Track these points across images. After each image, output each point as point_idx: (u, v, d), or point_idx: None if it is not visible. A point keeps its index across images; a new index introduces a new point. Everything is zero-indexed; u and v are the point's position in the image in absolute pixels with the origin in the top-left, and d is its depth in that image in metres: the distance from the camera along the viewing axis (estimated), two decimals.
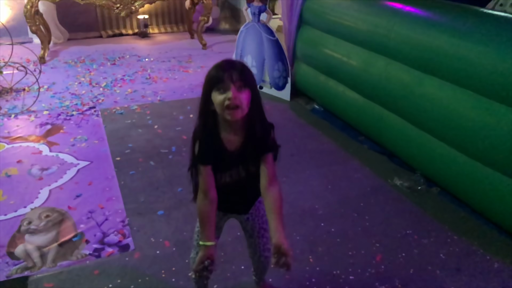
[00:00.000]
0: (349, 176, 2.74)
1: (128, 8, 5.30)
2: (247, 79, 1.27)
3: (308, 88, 3.90)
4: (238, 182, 1.40)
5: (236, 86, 1.23)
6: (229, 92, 1.22)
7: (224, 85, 1.23)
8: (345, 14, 3.31)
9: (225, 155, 1.34)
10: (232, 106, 1.23)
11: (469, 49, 2.24)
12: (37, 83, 3.88)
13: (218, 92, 1.25)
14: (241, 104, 1.24)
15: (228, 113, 1.25)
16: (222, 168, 1.37)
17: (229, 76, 1.23)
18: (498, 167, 2.14)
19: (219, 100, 1.24)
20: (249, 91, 1.26)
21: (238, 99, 1.23)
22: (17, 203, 2.42)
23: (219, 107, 1.25)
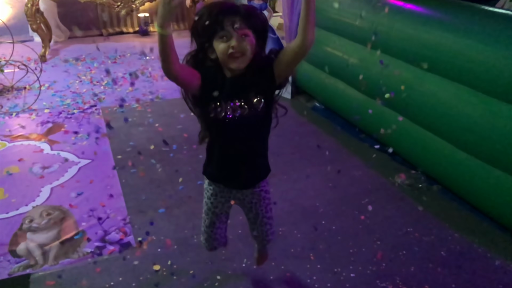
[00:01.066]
0: (350, 174, 2.74)
1: (129, 6, 5.30)
2: (250, 21, 1.19)
3: (309, 86, 3.89)
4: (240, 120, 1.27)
5: (238, 30, 1.16)
6: (232, 40, 1.16)
7: (226, 32, 1.16)
8: (346, 12, 3.31)
9: (223, 80, 1.26)
10: (237, 55, 1.18)
11: (469, 46, 2.24)
12: (38, 81, 3.88)
13: (219, 39, 1.18)
14: (246, 52, 1.18)
15: (232, 62, 1.20)
16: (222, 98, 1.26)
17: (230, 22, 1.15)
18: (499, 164, 2.14)
19: (222, 49, 1.17)
20: (252, 34, 1.19)
21: (243, 46, 1.17)
22: (19, 201, 2.42)
23: (222, 55, 1.19)
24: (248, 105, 1.26)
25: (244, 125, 1.28)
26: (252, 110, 1.26)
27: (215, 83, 1.25)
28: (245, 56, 1.19)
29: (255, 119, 1.28)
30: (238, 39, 1.16)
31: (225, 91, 1.25)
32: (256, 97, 1.26)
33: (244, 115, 1.27)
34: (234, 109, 1.26)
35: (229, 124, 1.27)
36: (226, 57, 1.19)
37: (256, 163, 1.42)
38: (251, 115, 1.27)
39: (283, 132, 3.13)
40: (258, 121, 1.30)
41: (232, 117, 1.27)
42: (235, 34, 1.16)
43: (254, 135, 1.34)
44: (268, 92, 1.29)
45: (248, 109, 1.26)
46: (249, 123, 1.28)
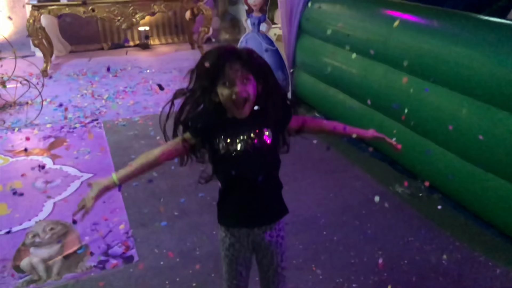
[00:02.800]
0: (351, 184, 2.75)
1: (129, 20, 5.37)
2: (251, 65, 1.21)
3: (308, 96, 3.92)
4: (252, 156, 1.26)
5: (241, 77, 1.19)
6: (235, 86, 1.19)
7: (229, 78, 1.18)
8: (344, 23, 3.35)
9: (230, 121, 1.26)
10: (240, 101, 1.20)
11: (467, 55, 2.26)
12: (40, 96, 3.92)
13: (222, 85, 1.20)
14: (249, 97, 1.21)
15: (237, 109, 1.22)
16: (230, 133, 1.25)
17: (232, 68, 1.18)
18: (499, 172, 2.15)
19: (225, 94, 1.20)
20: (253, 78, 1.22)
21: (245, 91, 1.19)
22: (22, 217, 2.44)
23: (226, 100, 1.21)
24: (256, 137, 1.26)
25: (253, 157, 1.27)
26: (260, 141, 1.26)
27: (219, 124, 1.26)
28: (249, 102, 1.22)
29: (263, 149, 1.27)
30: (241, 85, 1.19)
31: (232, 129, 1.25)
32: (266, 129, 1.27)
33: (253, 147, 1.26)
34: (243, 143, 1.25)
35: (238, 158, 1.26)
36: (231, 103, 1.21)
37: (273, 196, 1.40)
38: (260, 146, 1.26)
39: None
40: (268, 153, 1.30)
41: (241, 152, 1.26)
42: (237, 81, 1.19)
43: (266, 167, 1.32)
44: (277, 127, 1.31)
45: (256, 140, 1.26)
46: (258, 154, 1.27)
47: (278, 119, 1.29)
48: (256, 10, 3.94)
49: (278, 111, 1.28)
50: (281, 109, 1.29)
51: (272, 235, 1.40)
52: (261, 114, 1.26)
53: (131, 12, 5.32)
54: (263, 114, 1.26)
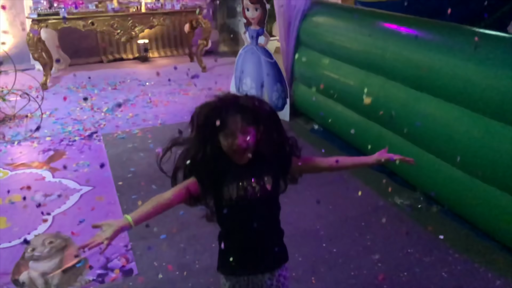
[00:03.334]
0: (350, 195, 2.76)
1: (129, 33, 5.41)
2: (252, 117, 1.25)
3: (307, 108, 3.95)
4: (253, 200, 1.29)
5: (241, 129, 1.22)
6: (236, 138, 1.22)
7: (229, 130, 1.22)
8: (341, 35, 3.39)
9: (232, 166, 1.28)
10: (240, 150, 1.24)
11: (463, 67, 2.29)
12: (39, 109, 3.93)
13: (223, 137, 1.24)
14: (249, 146, 1.24)
15: (238, 157, 1.26)
16: (232, 178, 1.28)
17: (233, 120, 1.21)
18: (498, 184, 2.16)
19: (227, 144, 1.24)
20: (254, 129, 1.25)
21: (245, 142, 1.23)
22: (21, 230, 2.44)
23: (227, 149, 1.25)
24: (257, 184, 1.29)
25: (255, 203, 1.30)
26: (261, 187, 1.29)
27: (224, 170, 1.28)
28: (249, 150, 1.25)
29: (267, 197, 1.31)
30: (241, 137, 1.22)
31: (233, 175, 1.28)
32: (267, 176, 1.30)
33: (254, 193, 1.29)
34: (244, 189, 1.28)
35: (240, 204, 1.29)
36: (232, 152, 1.26)
37: (273, 242, 1.41)
38: (261, 193, 1.29)
39: None
40: (269, 199, 1.33)
41: (242, 198, 1.28)
42: (238, 133, 1.22)
43: (266, 213, 1.35)
44: (278, 173, 1.34)
45: (257, 187, 1.29)
46: (259, 201, 1.30)
47: (279, 165, 1.33)
48: (255, 23, 3.98)
49: (278, 158, 1.32)
50: (281, 156, 1.33)
51: (273, 281, 1.40)
52: (263, 160, 1.30)
53: (130, 26, 5.37)
54: (264, 160, 1.30)
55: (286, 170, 1.36)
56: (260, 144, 1.28)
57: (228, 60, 6.31)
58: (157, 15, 5.47)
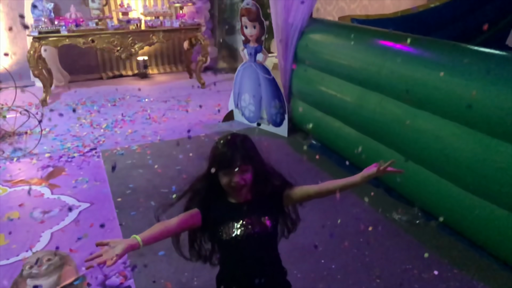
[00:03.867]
0: (348, 211, 2.76)
1: (129, 50, 5.47)
2: (249, 157, 1.34)
3: (304, 124, 3.97)
4: (250, 239, 1.35)
5: (240, 170, 1.32)
6: (234, 177, 1.32)
7: (229, 170, 1.32)
8: (338, 53, 3.43)
9: (229, 205, 1.38)
10: (238, 188, 1.34)
11: (457, 84, 2.33)
12: (39, 126, 3.95)
13: (223, 175, 1.33)
14: (246, 184, 1.34)
15: (235, 195, 1.37)
16: (231, 218, 1.36)
17: (233, 161, 1.31)
18: (494, 199, 2.17)
19: (225, 182, 1.34)
20: (252, 168, 1.34)
21: (243, 180, 1.33)
22: (19, 247, 2.43)
23: (225, 186, 1.35)
24: (256, 223, 1.37)
25: (254, 242, 1.36)
26: (261, 228, 1.37)
27: (222, 209, 1.37)
28: (246, 189, 1.35)
29: (265, 236, 1.38)
30: (238, 176, 1.32)
31: (233, 214, 1.37)
32: (264, 217, 1.38)
33: (253, 232, 1.36)
34: (242, 229, 1.35)
35: (239, 243, 1.35)
36: (231, 190, 1.35)
37: (275, 280, 1.45)
38: (260, 232, 1.37)
39: (280, 170, 3.17)
40: (268, 238, 1.40)
41: (241, 236, 1.35)
42: (236, 172, 1.31)
43: (265, 252, 1.42)
44: (274, 212, 1.42)
45: (257, 227, 1.36)
46: (258, 239, 1.37)
47: (274, 204, 1.41)
48: (253, 41, 4.03)
49: (272, 197, 1.40)
50: (274, 194, 1.41)
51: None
52: (260, 200, 1.38)
53: (130, 43, 5.43)
54: (261, 200, 1.38)
55: (280, 207, 1.43)
56: (257, 183, 1.37)
57: (226, 76, 6.37)
58: (156, 32, 5.53)
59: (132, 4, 6.11)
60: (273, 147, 3.74)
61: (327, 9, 6.39)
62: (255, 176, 1.36)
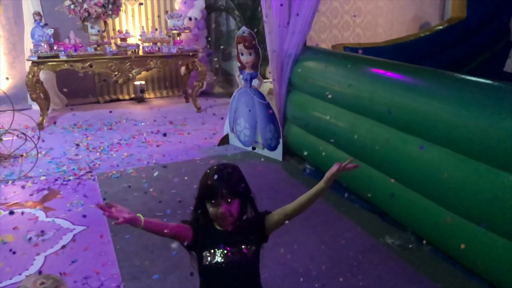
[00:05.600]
0: (342, 235, 2.79)
1: (126, 75, 5.56)
2: (236, 190, 1.40)
3: (299, 148, 4.03)
4: (230, 267, 1.42)
5: (226, 201, 1.38)
6: (220, 208, 1.38)
7: (216, 201, 1.38)
8: (331, 80, 3.52)
9: (215, 231, 1.45)
10: (223, 218, 1.40)
11: (446, 110, 2.40)
12: (35, 149, 3.97)
13: (210, 204, 1.40)
14: (231, 215, 1.40)
15: (221, 223, 1.43)
16: (213, 244, 1.43)
17: (220, 193, 1.37)
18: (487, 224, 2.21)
19: (212, 212, 1.41)
20: (238, 200, 1.41)
21: (229, 211, 1.39)
22: (13, 270, 2.43)
23: (212, 216, 1.42)
24: (239, 253, 1.44)
25: (235, 270, 1.44)
26: (242, 257, 1.44)
27: (208, 234, 1.45)
28: (232, 219, 1.42)
29: (245, 264, 1.45)
30: (225, 206, 1.38)
31: (217, 241, 1.44)
32: (247, 246, 1.45)
33: (233, 261, 1.43)
34: (224, 256, 1.43)
35: (220, 270, 1.43)
36: (216, 219, 1.43)
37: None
38: (242, 262, 1.44)
39: (275, 194, 3.20)
40: (249, 266, 1.47)
41: (222, 264, 1.42)
42: (222, 203, 1.38)
43: (246, 279, 1.48)
44: (257, 242, 1.49)
45: (239, 256, 1.43)
46: (240, 268, 1.44)
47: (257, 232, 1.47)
48: (249, 67, 4.12)
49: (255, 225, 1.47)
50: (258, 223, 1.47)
51: None
52: (245, 227, 1.45)
53: (128, 68, 5.52)
54: (246, 227, 1.45)
55: (263, 234, 1.49)
56: (243, 212, 1.44)
57: (222, 101, 6.46)
58: (154, 58, 5.64)
59: (131, 30, 6.24)
60: (268, 171, 3.78)
61: (321, 37, 6.56)
62: (241, 207, 1.43)
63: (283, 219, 1.47)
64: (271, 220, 1.48)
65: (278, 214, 1.48)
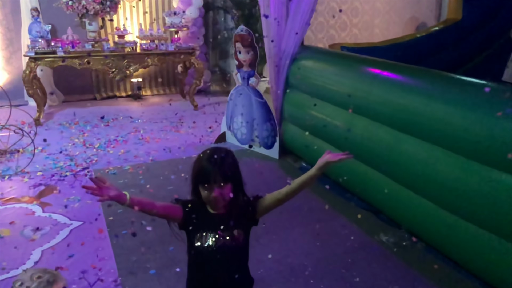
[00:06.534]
0: (337, 233, 2.82)
1: (123, 72, 5.56)
2: (229, 174, 1.42)
3: (295, 147, 4.06)
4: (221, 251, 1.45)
5: (219, 185, 1.40)
6: (213, 192, 1.40)
7: (209, 184, 1.40)
8: (328, 78, 3.55)
9: (207, 214, 1.47)
10: (216, 202, 1.43)
11: (442, 110, 2.43)
12: (32, 144, 3.97)
13: (203, 188, 1.42)
14: (223, 199, 1.43)
15: (213, 207, 1.46)
16: (205, 227, 1.46)
17: (213, 177, 1.39)
18: (478, 222, 2.24)
19: (205, 195, 1.43)
20: (231, 184, 1.43)
21: (221, 195, 1.41)
22: (10, 265, 2.43)
23: (205, 199, 1.44)
24: (230, 237, 1.46)
25: (225, 254, 1.46)
26: (233, 241, 1.47)
27: (200, 217, 1.47)
28: (223, 202, 1.44)
29: (236, 248, 1.48)
30: (217, 190, 1.40)
31: (210, 224, 1.47)
32: (238, 230, 1.48)
33: (224, 245, 1.45)
34: (215, 240, 1.45)
35: (210, 253, 1.45)
36: (208, 202, 1.45)
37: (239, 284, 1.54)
38: (233, 246, 1.47)
39: (271, 192, 3.22)
40: (239, 250, 1.50)
41: (213, 247, 1.45)
42: (215, 187, 1.40)
43: (235, 262, 1.51)
44: (248, 226, 1.52)
45: (230, 240, 1.46)
46: (229, 252, 1.47)
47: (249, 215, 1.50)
48: (246, 65, 4.14)
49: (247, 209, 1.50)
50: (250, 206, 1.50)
51: None
52: (237, 212, 1.47)
53: (125, 65, 5.52)
54: (238, 212, 1.47)
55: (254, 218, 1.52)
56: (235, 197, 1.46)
57: (219, 99, 6.47)
58: (151, 55, 5.64)
59: (128, 27, 6.24)
60: (264, 169, 3.80)
61: (318, 37, 6.59)
62: (234, 191, 1.44)
63: (275, 203, 1.50)
64: (263, 204, 1.50)
65: (270, 198, 1.51)
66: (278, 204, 1.50)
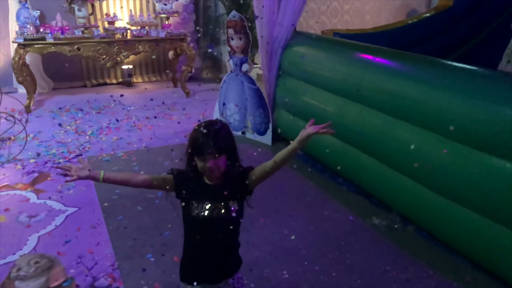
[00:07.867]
0: (330, 216, 2.87)
1: (114, 59, 5.51)
2: (223, 146, 1.46)
3: (288, 133, 4.08)
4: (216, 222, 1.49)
5: (213, 156, 1.44)
6: (207, 162, 1.44)
7: (204, 155, 1.44)
8: (321, 65, 3.57)
9: (204, 185, 1.51)
10: (210, 172, 1.47)
11: (433, 96, 2.48)
12: (24, 131, 3.95)
13: (198, 159, 1.46)
14: (218, 170, 1.47)
15: (208, 177, 1.50)
16: (201, 197, 1.50)
17: (207, 148, 1.43)
18: (467, 204, 2.31)
19: (200, 166, 1.47)
20: (225, 156, 1.47)
21: (215, 166, 1.45)
22: (6, 251, 2.45)
23: (200, 169, 1.48)
24: (223, 208, 1.50)
25: (219, 224, 1.51)
26: (227, 212, 1.50)
27: (197, 187, 1.52)
28: (218, 173, 1.48)
29: (229, 219, 1.51)
30: (212, 161, 1.45)
31: (204, 194, 1.51)
32: (231, 201, 1.52)
33: (219, 216, 1.50)
34: (211, 210, 1.49)
35: (206, 222, 1.49)
36: (204, 172, 1.49)
37: (232, 254, 1.61)
38: (226, 216, 1.50)
39: None
40: (232, 221, 1.53)
41: (209, 217, 1.49)
42: (209, 158, 1.44)
43: (227, 233, 1.55)
44: (241, 197, 1.55)
45: (223, 211, 1.50)
46: (223, 223, 1.51)
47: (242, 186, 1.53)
48: (239, 52, 4.14)
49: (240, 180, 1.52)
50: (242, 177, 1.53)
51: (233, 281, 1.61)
52: (231, 183, 1.51)
53: (116, 52, 5.48)
54: (232, 183, 1.51)
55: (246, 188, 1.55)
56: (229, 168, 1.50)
57: (210, 86, 6.46)
58: (142, 42, 5.60)
59: (118, 13, 6.16)
60: (257, 156, 3.82)
61: (309, 23, 6.58)
62: (228, 163, 1.49)
63: (263, 175, 1.54)
64: (253, 175, 1.54)
65: (259, 170, 1.55)
66: (266, 176, 1.54)
